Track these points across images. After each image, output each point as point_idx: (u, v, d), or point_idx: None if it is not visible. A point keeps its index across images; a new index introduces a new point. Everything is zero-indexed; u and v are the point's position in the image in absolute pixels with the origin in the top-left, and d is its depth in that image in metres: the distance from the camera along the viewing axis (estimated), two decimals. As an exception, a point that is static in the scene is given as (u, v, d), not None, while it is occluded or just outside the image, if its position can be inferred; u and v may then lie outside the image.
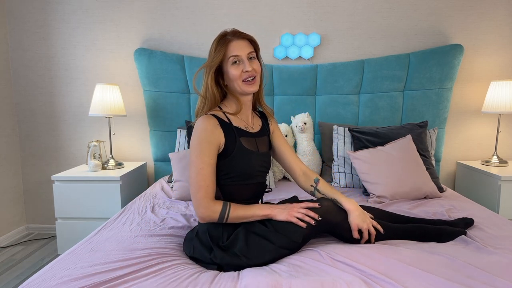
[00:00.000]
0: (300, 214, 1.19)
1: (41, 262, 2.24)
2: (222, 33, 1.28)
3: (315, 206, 1.22)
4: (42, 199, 2.75)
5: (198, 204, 1.19)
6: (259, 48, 1.33)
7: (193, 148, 1.21)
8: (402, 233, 1.31)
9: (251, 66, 1.25)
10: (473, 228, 1.44)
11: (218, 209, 1.19)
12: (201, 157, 1.19)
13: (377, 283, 0.98)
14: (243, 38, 1.27)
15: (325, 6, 2.51)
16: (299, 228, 1.18)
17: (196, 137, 1.21)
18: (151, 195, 2.01)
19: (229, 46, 1.24)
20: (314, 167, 2.31)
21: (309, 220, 1.18)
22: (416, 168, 1.93)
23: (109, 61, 2.60)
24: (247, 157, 1.27)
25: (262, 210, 1.23)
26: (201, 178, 1.19)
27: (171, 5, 2.54)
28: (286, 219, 1.19)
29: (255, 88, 1.29)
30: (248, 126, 1.34)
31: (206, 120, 1.23)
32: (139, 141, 2.69)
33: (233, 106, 1.32)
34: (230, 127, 1.27)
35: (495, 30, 2.48)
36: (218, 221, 1.20)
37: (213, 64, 1.24)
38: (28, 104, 2.65)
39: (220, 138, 1.23)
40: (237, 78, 1.25)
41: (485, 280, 0.99)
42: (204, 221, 1.21)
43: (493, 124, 2.56)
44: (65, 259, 1.19)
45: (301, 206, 1.23)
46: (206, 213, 1.19)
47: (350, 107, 2.48)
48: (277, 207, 1.24)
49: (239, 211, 1.21)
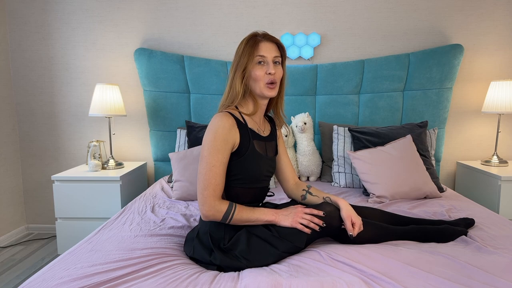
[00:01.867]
0: (305, 220, 1.19)
1: (41, 262, 2.24)
2: (252, 33, 1.28)
3: (319, 213, 1.20)
4: (42, 199, 2.75)
5: (204, 202, 1.18)
6: (286, 56, 1.33)
7: (208, 144, 1.19)
8: (403, 235, 1.31)
9: (274, 69, 1.24)
10: (473, 228, 1.44)
11: (223, 209, 1.18)
12: (215, 154, 1.18)
13: (377, 283, 0.98)
14: (272, 41, 1.27)
15: (325, 6, 2.51)
16: (302, 234, 1.18)
17: (212, 133, 1.19)
18: (151, 195, 2.01)
19: (257, 46, 1.24)
20: (314, 167, 2.31)
21: (314, 227, 1.18)
22: (416, 168, 1.93)
23: (109, 61, 2.60)
24: (257, 160, 1.26)
25: (266, 215, 1.22)
26: (211, 176, 1.17)
27: (171, 5, 2.54)
28: (290, 225, 1.19)
29: (274, 93, 1.28)
30: (260, 129, 1.34)
31: (224, 117, 1.20)
32: (139, 141, 2.69)
33: (250, 107, 1.31)
34: (245, 128, 1.26)
35: (495, 30, 2.48)
36: (221, 221, 1.20)
37: (242, 64, 1.24)
38: (28, 104, 2.65)
39: (236, 137, 1.22)
40: (260, 79, 1.24)
41: (485, 280, 0.99)
42: (207, 219, 1.20)
43: (493, 124, 2.55)
44: (65, 259, 1.18)
45: (305, 212, 1.22)
46: (211, 212, 1.18)
47: (350, 107, 2.48)
48: (281, 213, 1.23)
49: (244, 214, 1.20)
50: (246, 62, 1.23)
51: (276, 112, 1.41)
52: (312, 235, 1.20)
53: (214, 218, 1.19)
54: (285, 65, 1.33)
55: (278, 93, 1.32)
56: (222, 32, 2.55)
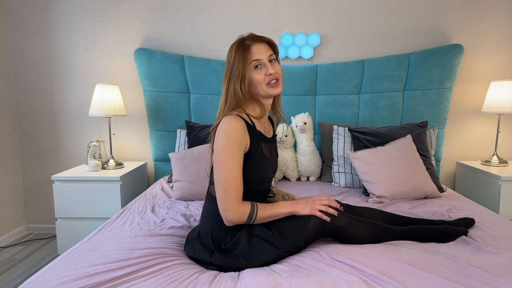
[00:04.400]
0: (323, 207, 1.19)
1: (41, 262, 2.23)
2: (239, 38, 1.25)
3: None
4: (42, 199, 2.75)
5: (227, 208, 1.15)
6: (278, 51, 1.31)
7: (222, 148, 1.16)
8: (403, 235, 1.31)
9: (273, 68, 1.23)
10: (473, 228, 1.44)
11: (247, 210, 1.17)
12: (232, 158, 1.15)
13: (377, 283, 0.98)
14: (262, 41, 1.25)
15: (325, 6, 2.51)
16: (301, 231, 1.18)
17: (225, 136, 1.16)
18: (151, 195, 2.01)
19: (249, 51, 1.21)
20: (314, 167, 2.31)
21: (332, 212, 1.19)
22: (416, 168, 1.93)
23: (109, 61, 2.60)
24: (264, 163, 1.26)
25: (286, 208, 1.22)
26: (232, 180, 1.15)
27: (171, 5, 2.54)
28: (310, 213, 1.19)
29: (279, 90, 1.27)
30: (266, 131, 1.33)
31: (235, 120, 1.18)
32: (139, 141, 2.69)
33: (257, 109, 1.29)
34: (254, 130, 1.24)
35: (495, 30, 2.48)
36: (246, 223, 1.19)
37: (237, 72, 1.20)
38: (28, 104, 2.65)
39: (247, 140, 1.21)
40: (261, 82, 1.22)
41: (485, 280, 0.99)
42: (232, 224, 1.18)
43: (493, 124, 2.55)
44: (65, 259, 1.19)
45: (322, 198, 1.23)
46: (235, 216, 1.16)
47: (350, 107, 2.48)
48: (300, 203, 1.23)
49: (267, 211, 1.20)
50: (242, 69, 1.20)
51: (274, 108, 1.40)
52: (312, 235, 1.20)
53: (240, 222, 1.18)
54: (279, 59, 1.32)
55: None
56: (222, 32, 2.55)
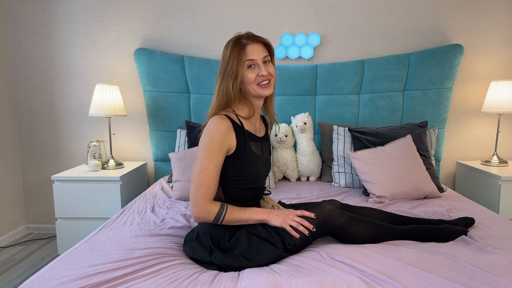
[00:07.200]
0: (295, 222, 1.19)
1: (41, 262, 2.23)
2: (236, 36, 1.26)
3: (311, 216, 1.21)
4: (42, 199, 2.75)
5: (195, 203, 1.18)
6: (273, 52, 1.32)
7: (203, 146, 1.19)
8: (403, 234, 1.31)
9: (266, 70, 1.24)
10: (473, 228, 1.44)
11: (214, 210, 1.19)
12: (209, 157, 1.18)
13: (377, 283, 0.98)
14: (259, 42, 1.26)
15: (325, 6, 2.51)
16: (298, 232, 1.18)
17: (207, 136, 1.19)
18: (151, 195, 2.01)
19: (244, 50, 1.23)
20: (314, 167, 2.31)
21: (303, 230, 1.18)
22: (416, 168, 1.93)
23: (109, 61, 2.60)
24: (255, 161, 1.27)
25: (258, 215, 1.23)
26: (204, 178, 1.18)
27: (171, 5, 2.54)
28: (280, 225, 1.20)
29: (270, 91, 1.28)
30: (256, 130, 1.34)
31: (220, 121, 1.20)
32: (139, 141, 2.69)
33: (246, 110, 1.30)
34: (242, 130, 1.26)
35: (495, 30, 2.48)
36: (213, 222, 1.20)
37: (231, 70, 1.22)
38: (28, 104, 2.65)
39: (231, 141, 1.22)
40: (252, 82, 1.24)
41: (485, 280, 0.99)
42: (198, 221, 1.21)
43: (493, 124, 2.55)
44: (65, 259, 1.18)
45: (296, 214, 1.22)
46: (201, 213, 1.18)
47: (350, 107, 2.48)
48: (272, 213, 1.24)
49: (235, 214, 1.21)
50: (236, 68, 1.21)
51: (266, 109, 1.41)
52: (312, 235, 1.20)
53: (205, 220, 1.20)
54: (274, 61, 1.33)
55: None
56: (222, 32, 2.55)
